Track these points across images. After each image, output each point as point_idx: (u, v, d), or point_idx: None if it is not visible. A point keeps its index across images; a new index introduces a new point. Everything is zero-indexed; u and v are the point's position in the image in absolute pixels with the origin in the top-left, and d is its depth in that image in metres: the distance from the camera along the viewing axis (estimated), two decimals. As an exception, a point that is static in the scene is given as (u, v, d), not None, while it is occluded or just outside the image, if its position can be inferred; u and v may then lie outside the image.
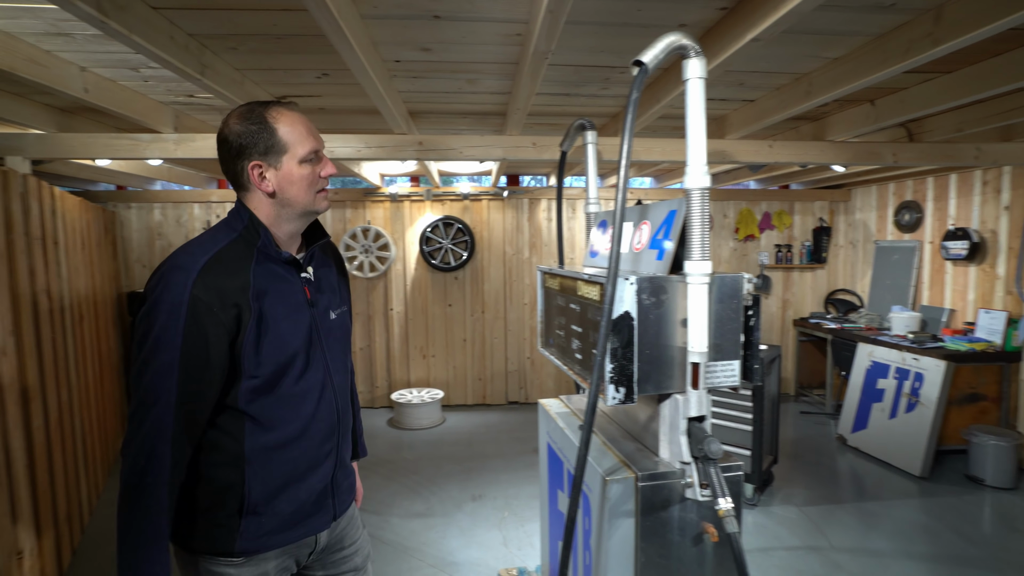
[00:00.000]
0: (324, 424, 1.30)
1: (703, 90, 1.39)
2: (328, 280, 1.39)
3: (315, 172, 1.23)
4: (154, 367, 1.09)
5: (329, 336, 1.33)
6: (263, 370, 1.18)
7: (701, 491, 1.44)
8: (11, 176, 2.51)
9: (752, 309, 1.52)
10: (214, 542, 1.20)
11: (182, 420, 1.11)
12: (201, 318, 1.10)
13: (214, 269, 1.13)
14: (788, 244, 6.00)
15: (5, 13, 1.74)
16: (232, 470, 1.19)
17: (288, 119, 1.20)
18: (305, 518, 1.29)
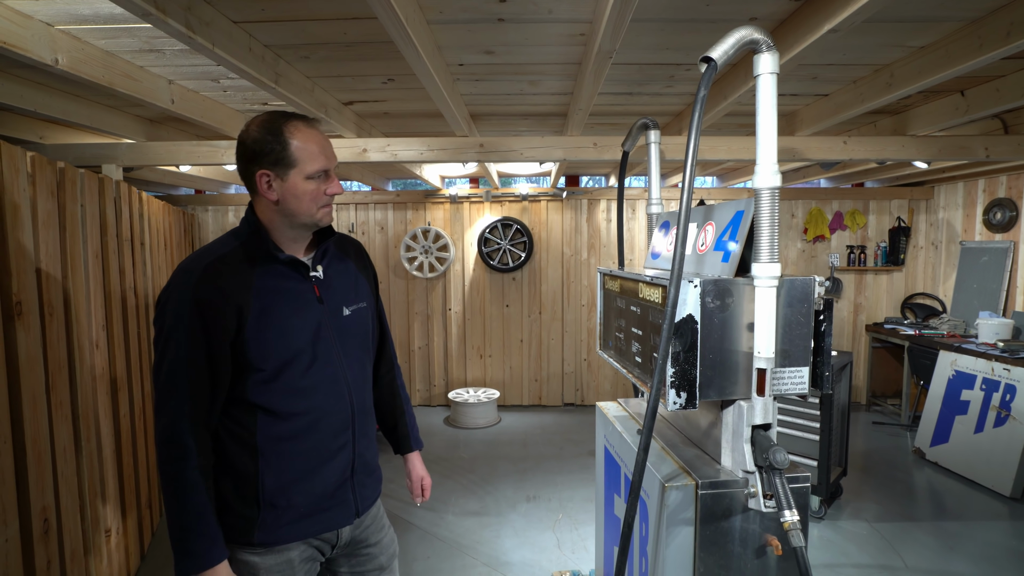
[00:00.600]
0: (336, 419, 1.34)
1: (775, 86, 1.34)
2: (343, 277, 1.42)
3: (320, 189, 1.26)
4: (168, 363, 1.19)
5: (342, 332, 1.37)
6: (268, 364, 1.24)
7: (765, 502, 1.39)
8: (107, 183, 2.73)
9: (824, 314, 1.45)
10: (236, 532, 1.26)
11: (198, 409, 1.20)
12: (204, 315, 1.18)
13: (216, 271, 1.21)
14: (862, 245, 5.67)
15: (107, 34, 1.90)
16: (247, 460, 1.26)
17: (303, 135, 1.24)
18: (322, 512, 1.33)
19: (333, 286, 1.38)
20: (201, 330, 1.18)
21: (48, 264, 2.05)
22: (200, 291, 1.18)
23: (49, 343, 2.04)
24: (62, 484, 2.11)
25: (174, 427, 1.18)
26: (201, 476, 1.19)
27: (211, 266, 1.21)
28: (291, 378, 1.26)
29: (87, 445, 2.38)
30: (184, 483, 1.17)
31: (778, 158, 1.33)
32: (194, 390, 1.19)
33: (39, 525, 1.91)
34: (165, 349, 1.19)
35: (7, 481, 1.73)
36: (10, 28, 1.61)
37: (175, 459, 1.17)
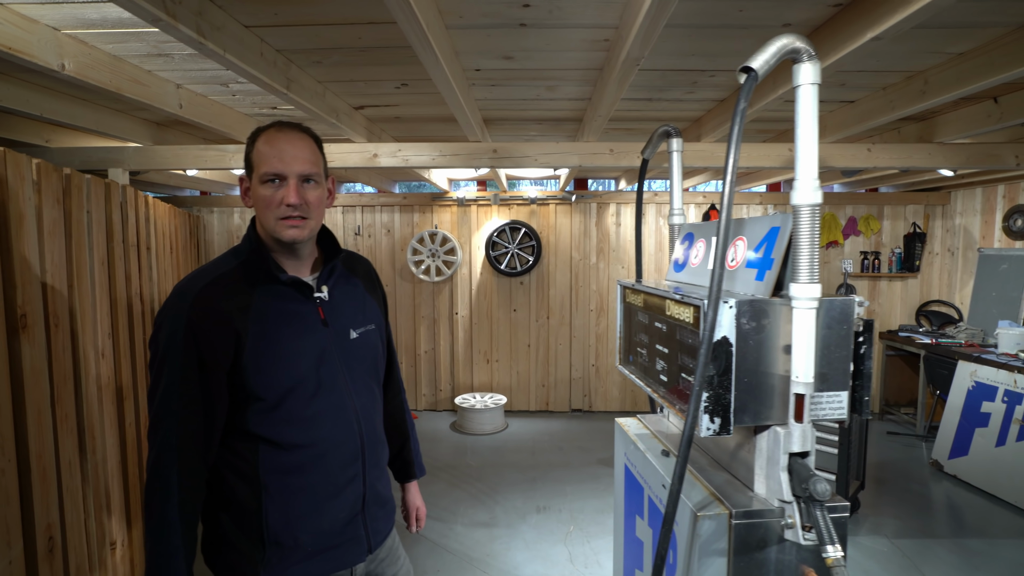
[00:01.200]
0: (343, 449, 1.25)
1: (816, 97, 1.27)
2: (350, 298, 1.34)
3: (273, 197, 1.17)
4: (161, 389, 1.12)
5: (348, 356, 1.29)
6: (269, 392, 1.16)
7: (804, 534, 1.32)
8: (113, 188, 2.68)
9: (863, 336, 1.39)
10: (240, 572, 1.20)
11: (189, 441, 1.13)
12: (197, 340, 1.12)
13: (212, 294, 1.15)
14: (875, 251, 5.59)
15: (114, 38, 1.84)
16: (249, 494, 1.18)
17: (267, 137, 1.18)
18: (332, 549, 1.25)
19: (339, 307, 1.30)
20: (195, 356, 1.11)
21: (53, 274, 1.99)
22: (194, 315, 1.12)
23: (54, 355, 1.99)
24: (67, 499, 2.05)
25: (160, 459, 1.11)
26: (180, 516, 1.11)
27: (207, 288, 1.15)
28: (294, 407, 1.18)
29: (92, 457, 2.33)
30: (161, 521, 1.10)
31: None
32: (185, 421, 1.12)
33: (44, 543, 1.86)
34: (158, 375, 1.13)
35: (12, 501, 1.67)
36: (15, 33, 1.55)
37: (157, 492, 1.11)
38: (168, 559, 1.10)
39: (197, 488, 1.15)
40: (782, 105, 2.72)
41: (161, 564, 1.10)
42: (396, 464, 1.59)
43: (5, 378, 1.67)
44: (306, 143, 1.21)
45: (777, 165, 3.09)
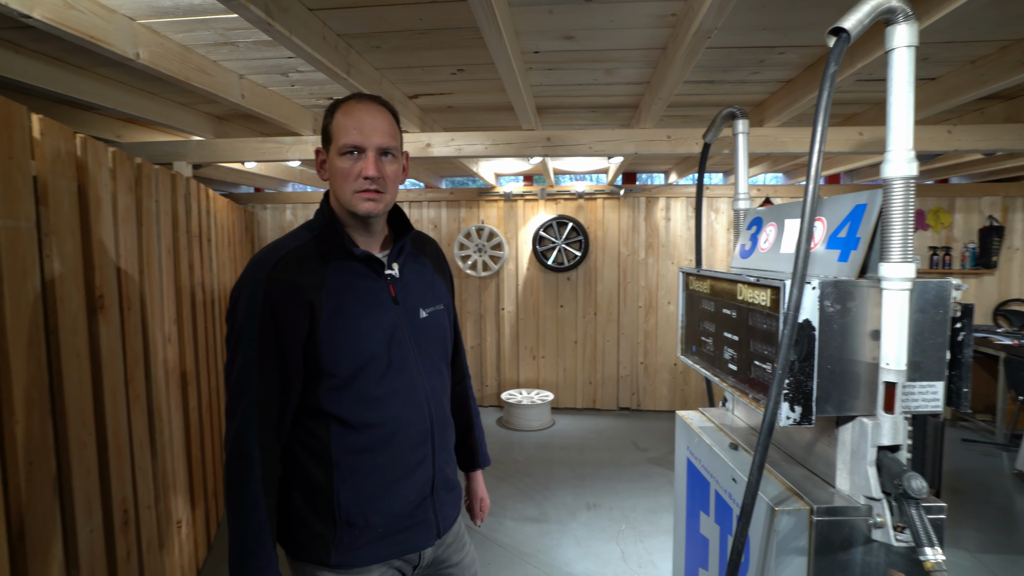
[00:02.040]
0: (413, 430, 1.23)
1: (912, 61, 1.17)
2: (420, 277, 1.32)
3: (352, 169, 1.15)
4: (238, 363, 1.11)
5: (419, 336, 1.27)
6: (341, 369, 1.15)
7: (896, 534, 1.22)
8: (178, 179, 2.77)
9: (961, 321, 1.28)
10: (312, 552, 1.19)
11: (267, 415, 1.12)
12: (275, 314, 1.10)
13: (288, 267, 1.14)
14: (946, 246, 5.25)
15: (184, 27, 1.90)
16: (321, 474, 1.17)
17: (346, 109, 1.17)
18: (401, 532, 1.23)
19: (409, 286, 1.28)
20: (272, 330, 1.10)
21: (126, 259, 2.07)
22: (271, 287, 1.11)
23: (127, 337, 2.06)
24: (139, 476, 2.13)
25: (241, 434, 1.10)
26: (264, 490, 1.11)
27: (282, 261, 1.14)
28: (365, 385, 1.17)
29: (160, 438, 2.41)
30: (246, 496, 1.10)
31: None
32: (264, 394, 1.11)
33: (120, 516, 1.93)
34: (236, 349, 1.12)
35: (92, 473, 1.74)
36: (95, 22, 1.61)
37: (240, 468, 1.10)
38: (256, 533, 1.10)
39: (275, 463, 1.15)
40: (853, 85, 2.57)
41: (249, 538, 1.09)
42: (461, 452, 1.56)
43: (85, 355, 1.74)
44: (385, 116, 1.19)
45: (846, 150, 2.92)
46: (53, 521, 1.56)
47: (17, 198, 1.37)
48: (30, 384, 1.45)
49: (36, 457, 1.48)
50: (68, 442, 1.64)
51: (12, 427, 1.37)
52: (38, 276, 1.49)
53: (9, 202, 1.34)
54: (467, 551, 1.44)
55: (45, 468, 1.52)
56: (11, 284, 1.35)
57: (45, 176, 1.51)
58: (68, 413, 1.64)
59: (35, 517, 1.46)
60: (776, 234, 1.73)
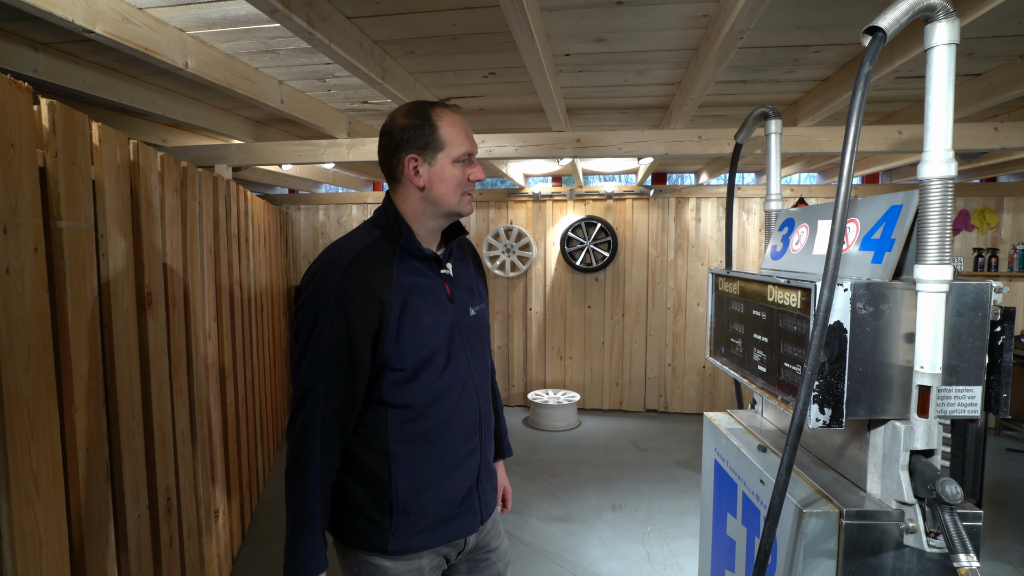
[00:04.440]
0: (466, 421, 1.30)
1: (952, 59, 1.16)
2: (466, 277, 1.39)
3: (464, 174, 1.24)
4: (308, 357, 1.15)
5: (469, 332, 1.33)
6: (406, 363, 1.20)
7: (929, 540, 1.21)
8: (219, 181, 2.89)
9: (1002, 325, 1.25)
10: (370, 540, 1.23)
11: (333, 409, 1.16)
12: (348, 311, 1.14)
13: (360, 265, 1.18)
14: (992, 248, 5.07)
15: (229, 36, 1.99)
16: (380, 465, 1.22)
17: (450, 119, 1.23)
18: (452, 519, 1.29)
19: (460, 285, 1.35)
20: (344, 326, 1.14)
21: (172, 258, 2.17)
22: (345, 285, 1.15)
23: (172, 333, 2.16)
24: (181, 466, 2.23)
25: (307, 427, 1.15)
26: (320, 482, 1.16)
27: (355, 259, 1.18)
28: (427, 380, 1.23)
29: (200, 430, 2.51)
30: (304, 487, 1.15)
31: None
32: (332, 389, 1.15)
33: (163, 503, 2.03)
34: (307, 344, 1.16)
35: (139, 460, 1.84)
36: (150, 35, 1.71)
37: (302, 460, 1.15)
38: (311, 525, 1.15)
39: (335, 457, 1.19)
40: (892, 82, 2.52)
41: (304, 529, 1.15)
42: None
43: (135, 349, 1.83)
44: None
45: (884, 149, 2.85)
46: (106, 505, 1.65)
47: (79, 201, 1.46)
48: (88, 375, 1.54)
49: (92, 444, 1.57)
50: (119, 431, 1.73)
51: (72, 415, 1.46)
52: (95, 274, 1.58)
53: (72, 205, 1.43)
54: (503, 538, 1.49)
55: (100, 455, 1.61)
56: (73, 281, 1.44)
57: (102, 180, 1.60)
58: (119, 404, 1.73)
59: (91, 500, 1.55)
60: (808, 235, 1.72)
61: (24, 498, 1.26)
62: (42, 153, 1.35)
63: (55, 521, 1.37)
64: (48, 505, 1.34)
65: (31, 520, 1.28)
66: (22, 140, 1.23)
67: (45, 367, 1.33)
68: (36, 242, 1.29)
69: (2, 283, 1.18)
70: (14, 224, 1.21)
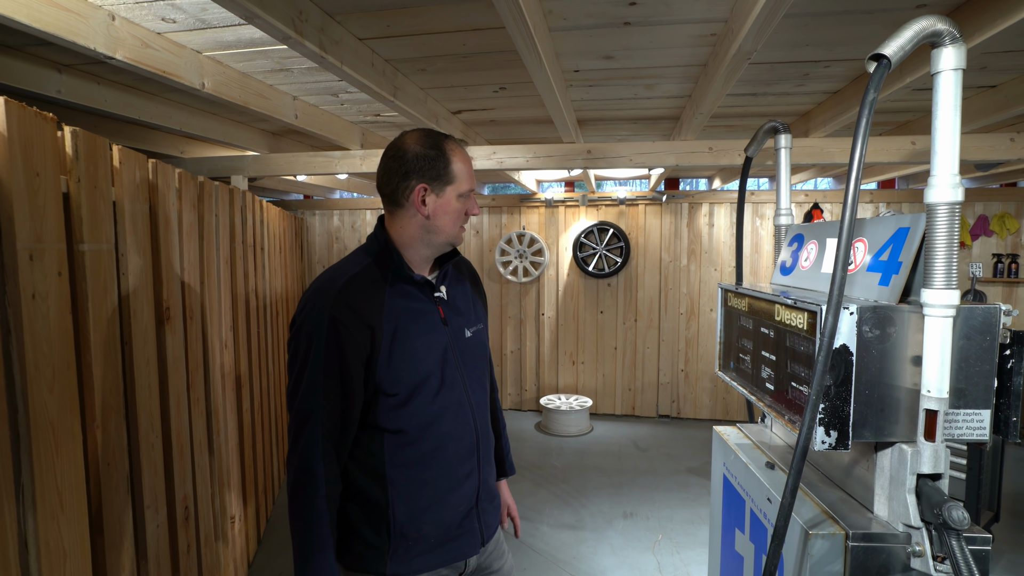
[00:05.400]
0: (462, 444, 1.30)
1: (959, 85, 1.15)
2: (463, 298, 1.39)
3: (463, 209, 1.29)
4: (304, 384, 1.17)
5: (466, 354, 1.34)
6: (399, 388, 1.21)
7: (936, 564, 1.21)
8: (235, 193, 2.94)
9: (1012, 348, 1.25)
10: (368, 564, 1.25)
11: (331, 434, 1.18)
12: (339, 337, 1.16)
13: (351, 291, 1.20)
14: (1012, 253, 4.98)
15: (244, 57, 2.04)
16: (377, 488, 1.24)
17: (461, 155, 1.27)
18: (451, 541, 1.30)
19: (455, 307, 1.36)
20: (336, 353, 1.16)
21: (189, 272, 2.22)
22: (336, 312, 1.17)
23: (189, 345, 2.22)
24: (198, 475, 2.28)
25: (307, 453, 1.17)
26: (327, 506, 1.18)
27: (346, 286, 1.20)
28: (421, 403, 1.24)
29: (217, 438, 2.57)
30: (312, 513, 1.16)
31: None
32: (328, 415, 1.17)
33: (181, 512, 2.08)
34: (301, 372, 1.18)
35: (158, 471, 1.89)
36: (168, 58, 1.76)
37: (306, 486, 1.17)
38: (324, 549, 1.16)
39: (337, 481, 1.21)
40: (907, 95, 2.50)
41: (315, 553, 1.16)
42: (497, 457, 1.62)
43: (154, 363, 1.88)
44: None
45: (897, 160, 2.83)
46: (126, 516, 1.70)
47: (100, 224, 1.51)
48: (108, 391, 1.59)
49: (113, 458, 1.62)
50: (139, 444, 1.78)
51: (94, 431, 1.51)
52: (116, 292, 1.63)
53: (94, 228, 1.48)
54: (506, 559, 1.49)
55: (120, 468, 1.66)
56: (94, 301, 1.49)
57: (122, 201, 1.65)
58: (139, 417, 1.78)
59: (111, 513, 1.60)
60: (817, 252, 1.72)
61: (49, 513, 1.30)
62: (65, 179, 1.40)
63: (78, 534, 1.42)
64: (72, 519, 1.39)
65: (56, 534, 1.33)
66: (47, 169, 1.28)
67: (68, 386, 1.38)
68: (60, 266, 1.34)
69: (28, 308, 1.23)
70: (39, 251, 1.26)
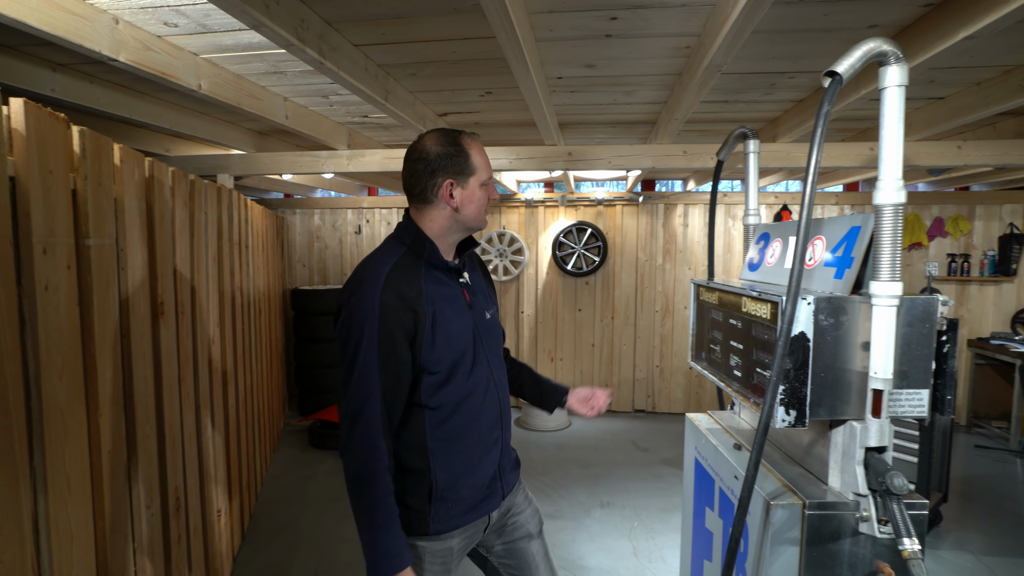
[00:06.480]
0: (490, 414, 1.45)
1: (902, 99, 1.30)
2: (479, 284, 1.53)
3: (486, 194, 1.42)
4: (360, 366, 1.26)
5: (487, 334, 1.47)
6: (441, 367, 1.33)
7: (880, 527, 1.35)
8: (223, 192, 2.98)
9: (947, 334, 1.40)
10: (412, 526, 1.37)
11: (388, 412, 1.29)
12: (389, 320, 1.26)
13: (395, 278, 1.30)
14: (965, 253, 5.27)
15: (240, 60, 2.10)
16: (420, 460, 1.37)
17: (477, 148, 1.40)
18: (481, 501, 1.45)
19: (476, 291, 1.49)
20: (388, 335, 1.26)
21: (181, 268, 2.27)
22: (384, 298, 1.27)
23: (180, 340, 2.26)
24: (188, 467, 2.33)
25: (369, 430, 1.26)
26: (391, 478, 1.28)
27: (390, 274, 1.30)
28: (458, 381, 1.37)
29: (205, 432, 2.61)
30: (379, 485, 1.26)
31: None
32: (385, 394, 1.27)
33: (173, 503, 2.13)
34: (355, 355, 1.26)
35: (153, 462, 1.94)
36: (167, 60, 1.82)
37: (373, 460, 1.25)
38: (394, 520, 1.27)
39: (392, 456, 1.32)
40: (864, 104, 2.67)
41: (390, 525, 1.26)
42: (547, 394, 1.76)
43: (149, 357, 1.93)
44: None
45: (856, 165, 3.02)
46: (125, 503, 1.76)
47: (104, 219, 1.57)
48: (110, 382, 1.64)
49: (114, 447, 1.67)
50: (136, 434, 1.84)
51: (98, 420, 1.57)
52: (116, 286, 1.69)
53: (98, 223, 1.53)
54: (531, 502, 1.65)
55: (120, 456, 1.72)
56: (99, 294, 1.55)
57: (123, 198, 1.71)
58: (136, 408, 1.83)
59: (113, 499, 1.66)
60: (782, 249, 1.86)
61: (58, 496, 1.36)
62: (73, 176, 1.45)
63: (84, 518, 1.48)
64: (78, 503, 1.45)
65: (64, 517, 1.39)
66: (59, 167, 1.34)
67: (76, 375, 1.44)
68: (69, 260, 1.40)
69: (42, 299, 1.29)
70: (52, 244, 1.32)
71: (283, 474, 4.23)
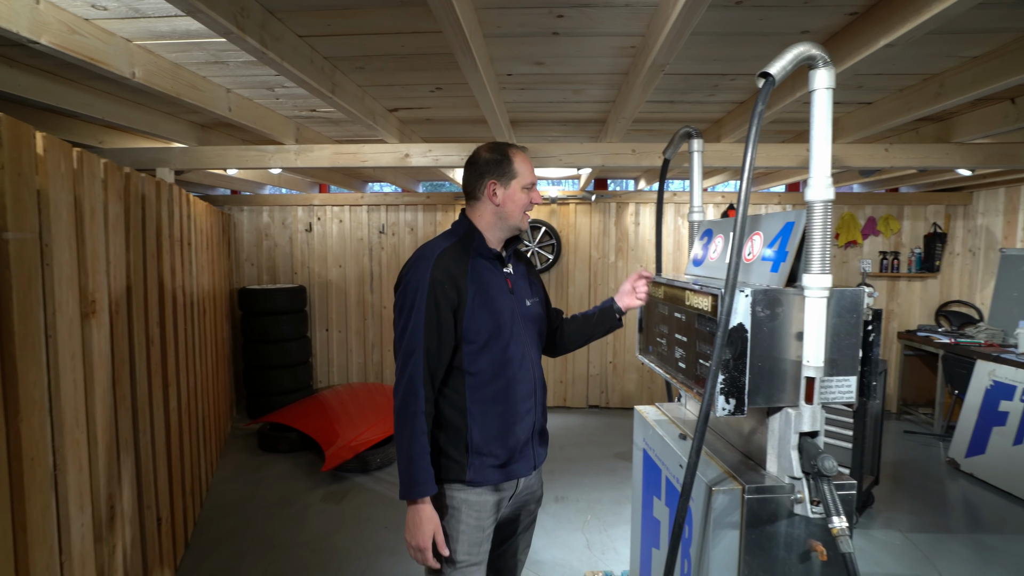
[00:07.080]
0: (524, 387, 1.65)
1: (830, 101, 1.37)
2: (522, 276, 1.76)
3: (528, 198, 1.63)
4: (410, 327, 1.51)
5: (526, 318, 1.69)
6: (479, 336, 1.56)
7: (812, 508, 1.42)
8: (162, 186, 2.85)
9: (872, 324, 1.48)
10: (451, 474, 1.59)
11: (430, 365, 1.52)
12: (436, 293, 1.51)
13: (444, 259, 1.55)
14: (895, 251, 5.60)
15: (179, 48, 2.01)
16: (460, 417, 1.59)
17: (521, 157, 1.63)
18: (512, 463, 1.65)
19: (518, 281, 1.71)
20: (434, 303, 1.50)
21: (115, 265, 2.16)
22: (435, 273, 1.52)
23: (115, 340, 2.15)
24: (124, 474, 2.22)
25: (412, 379, 1.50)
26: (426, 421, 1.51)
27: (440, 256, 1.55)
28: (494, 350, 1.58)
29: (143, 437, 2.49)
30: (416, 424, 1.49)
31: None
32: (428, 350, 1.51)
33: (107, 511, 2.02)
34: (407, 318, 1.52)
35: (83, 469, 1.84)
36: (96, 45, 1.72)
37: (412, 404, 1.49)
38: (425, 453, 1.50)
39: (432, 405, 1.54)
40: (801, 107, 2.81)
41: (420, 456, 1.49)
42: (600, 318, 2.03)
43: (79, 359, 1.83)
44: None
45: (795, 165, 3.16)
46: (50, 514, 1.66)
47: (24, 212, 1.48)
48: (32, 385, 1.55)
49: (37, 453, 1.58)
50: (64, 440, 1.73)
51: (18, 425, 1.47)
52: (40, 284, 1.59)
53: (18, 216, 1.44)
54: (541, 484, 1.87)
55: (44, 464, 1.62)
56: (19, 292, 1.45)
57: (47, 190, 1.61)
58: (64, 412, 1.73)
59: (35, 510, 1.56)
60: (724, 245, 1.92)
61: (-27, 507, 1.27)
62: (-11, 166, 1.36)
63: (2, 530, 1.39)
64: (-3, 514, 1.36)
65: (-20, 529, 1.30)
66: (-28, 155, 1.25)
67: (-7, 377, 1.35)
68: (-16, 254, 1.31)
69: (-47, 296, 1.20)
70: (-36, 237, 1.23)
71: (231, 479, 4.08)
